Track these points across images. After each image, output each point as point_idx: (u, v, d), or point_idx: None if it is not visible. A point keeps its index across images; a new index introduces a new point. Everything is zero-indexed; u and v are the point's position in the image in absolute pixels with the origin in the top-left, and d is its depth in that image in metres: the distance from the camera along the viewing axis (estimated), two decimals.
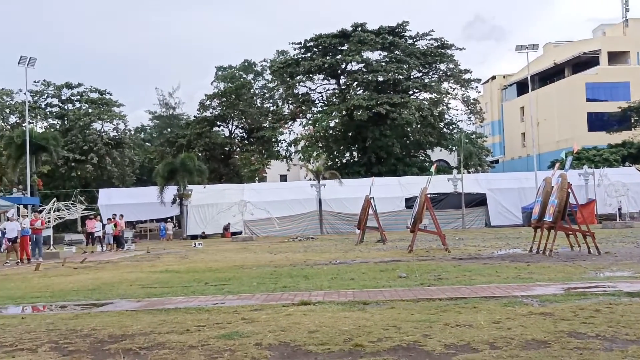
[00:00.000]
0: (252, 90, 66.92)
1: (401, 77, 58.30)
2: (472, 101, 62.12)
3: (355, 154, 61.52)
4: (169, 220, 48.05)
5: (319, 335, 7.30)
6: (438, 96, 59.61)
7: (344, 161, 61.57)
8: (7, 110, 59.50)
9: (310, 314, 8.86)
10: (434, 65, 60.90)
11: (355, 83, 59.62)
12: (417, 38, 61.16)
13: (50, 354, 6.96)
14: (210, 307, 9.91)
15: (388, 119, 55.28)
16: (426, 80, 60.64)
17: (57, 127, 60.30)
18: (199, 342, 7.21)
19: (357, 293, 10.81)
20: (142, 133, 79.63)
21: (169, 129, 72.02)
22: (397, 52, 59.15)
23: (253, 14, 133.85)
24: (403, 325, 7.69)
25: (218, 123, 64.47)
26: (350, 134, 59.99)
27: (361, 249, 23.54)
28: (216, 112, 63.61)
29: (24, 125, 50.05)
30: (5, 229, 24.29)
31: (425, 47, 60.32)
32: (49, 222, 32.61)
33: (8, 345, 7.49)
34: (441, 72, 61.29)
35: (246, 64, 74.58)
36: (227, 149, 63.84)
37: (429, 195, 21.76)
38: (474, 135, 65.85)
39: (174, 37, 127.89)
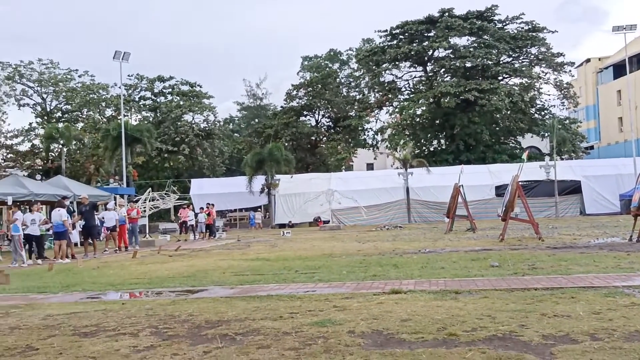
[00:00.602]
0: (338, 79, 66.95)
1: (490, 62, 57.00)
2: (565, 85, 60.06)
3: (442, 141, 60.67)
4: (259, 209, 48.84)
5: (412, 323, 7.24)
6: (529, 81, 57.96)
7: (432, 149, 60.81)
8: (104, 104, 61.84)
9: (402, 302, 8.80)
10: (524, 50, 59.16)
11: (443, 70, 58.72)
12: (507, 22, 59.58)
13: (150, 338, 7.19)
14: (301, 295, 10.00)
15: (477, 106, 54.20)
16: (516, 65, 59.01)
17: (151, 119, 62.22)
18: (292, 329, 7.29)
19: (449, 282, 10.66)
20: (231, 124, 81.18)
21: (256, 120, 73.09)
22: (485, 37, 57.81)
23: (338, 3, 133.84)
24: (498, 315, 7.53)
25: (304, 113, 64.87)
26: (438, 122, 59.18)
27: (450, 238, 23.22)
28: (302, 102, 64.00)
29: (119, 118, 51.89)
30: (104, 218, 25.27)
31: (516, 31, 58.67)
32: (144, 211, 33.79)
33: (111, 330, 7.79)
34: (532, 57, 59.47)
35: (332, 53, 74.68)
36: (313, 138, 64.20)
37: (520, 183, 21.20)
38: (567, 121, 63.61)
39: (261, 28, 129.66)
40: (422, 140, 60.88)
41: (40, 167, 55.55)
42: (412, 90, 61.83)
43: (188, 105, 61.74)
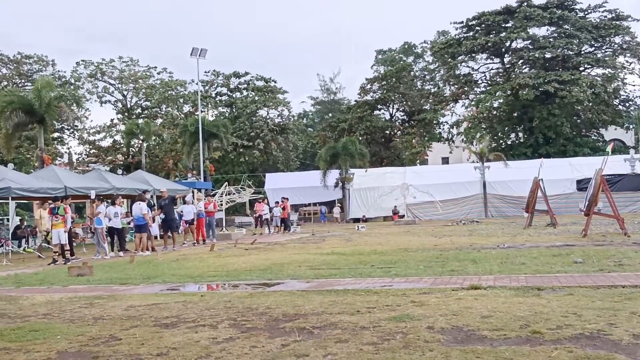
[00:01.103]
0: (412, 72, 66.30)
1: (571, 52, 55.21)
2: None
3: (520, 134, 59.17)
4: (338, 204, 48.95)
5: (493, 320, 7.05)
6: (612, 71, 55.83)
7: (509, 142, 59.44)
8: (182, 100, 63.20)
9: (482, 298, 8.60)
10: (607, 39, 56.96)
11: (521, 61, 57.25)
12: (589, 10, 57.52)
13: (229, 330, 7.25)
14: (378, 289, 9.92)
15: (557, 98, 52.62)
16: (599, 55, 56.92)
17: (227, 114, 63.19)
18: (370, 323, 7.22)
19: (530, 278, 10.35)
20: (305, 119, 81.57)
21: (330, 114, 73.22)
22: (566, 26, 55.99)
23: None
24: (584, 312, 7.24)
25: (379, 106, 64.56)
26: (516, 114, 57.77)
27: (530, 233, 22.61)
28: (377, 96, 63.70)
29: (196, 113, 52.90)
30: (182, 211, 25.79)
31: (598, 20, 56.59)
32: (221, 205, 34.31)
33: (191, 321, 7.91)
34: (616, 46, 57.22)
35: (406, 46, 74.03)
36: (387, 132, 63.84)
37: (604, 177, 20.44)
38: None
39: (335, 22, 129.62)
40: (499, 134, 59.58)
41: (122, 162, 57.25)
42: (489, 82, 60.59)
43: (263, 100, 62.39)
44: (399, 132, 65.01)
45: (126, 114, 60.47)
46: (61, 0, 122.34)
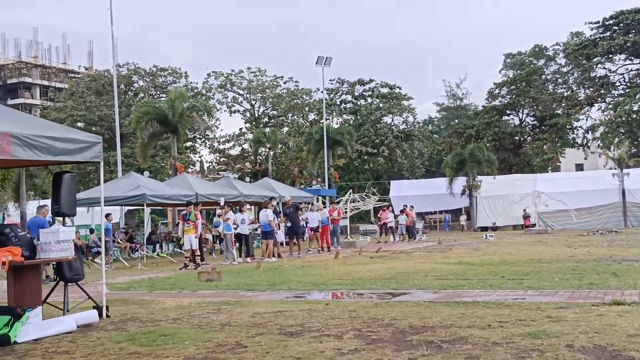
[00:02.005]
0: (543, 76, 63.83)
1: None
2: None
3: None
4: (465, 212, 47.87)
5: None
6: None
7: None
8: (307, 108, 64.08)
9: (626, 315, 7.92)
10: None
11: None
12: None
13: (354, 341, 7.05)
14: (510, 302, 9.41)
15: None
16: None
17: (351, 122, 63.41)
18: (502, 339, 6.79)
19: None
20: (430, 125, 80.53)
21: (456, 120, 71.83)
22: None
23: None
24: None
25: (507, 112, 62.61)
26: None
27: None
28: (505, 101, 61.81)
29: (321, 121, 53.41)
30: (307, 218, 25.98)
31: None
32: (345, 212, 34.35)
33: (315, 330, 7.77)
34: None
35: (536, 49, 71.44)
36: (517, 138, 61.79)
37: None
38: None
39: (461, 26, 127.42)
40: None
41: (249, 170, 58.75)
42: (628, 84, 57.19)
43: (387, 107, 62.11)
44: (529, 137, 62.75)
45: (254, 122, 62.05)
46: (193, 16, 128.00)
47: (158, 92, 60.35)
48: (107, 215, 21.72)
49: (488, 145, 55.74)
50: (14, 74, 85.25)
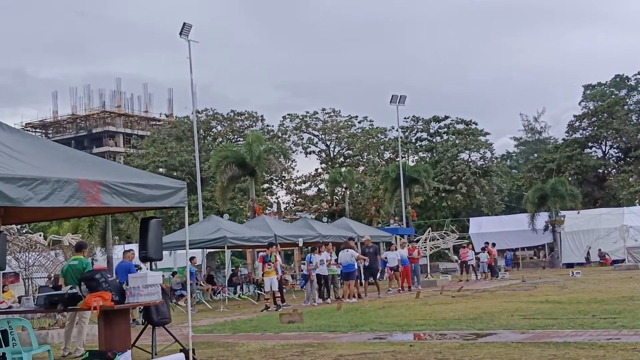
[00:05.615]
0: (626, 106, 61.96)
1: None
2: None
3: None
4: (540, 247, 46.50)
5: None
6: None
7: None
8: (382, 147, 64.11)
9: None
10: None
11: None
12: None
13: None
14: (604, 343, 9.03)
15: None
16: None
17: (427, 159, 62.98)
18: None
19: None
20: (508, 160, 79.06)
21: (535, 154, 70.33)
22: None
23: (622, 27, 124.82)
24: None
25: (589, 144, 60.93)
26: None
27: None
28: (587, 133, 60.22)
29: (397, 159, 53.26)
30: (386, 258, 25.75)
31: None
32: (425, 251, 33.92)
33: None
34: None
35: (617, 79, 69.54)
36: (600, 171, 59.91)
37: None
38: None
39: (537, 60, 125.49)
40: None
41: (326, 210, 58.92)
42: None
43: (464, 143, 61.43)
44: (614, 170, 60.74)
45: (329, 163, 62.46)
46: (269, 61, 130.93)
47: (235, 136, 61.71)
48: (192, 259, 22.13)
49: (570, 179, 54.23)
50: (98, 123, 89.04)
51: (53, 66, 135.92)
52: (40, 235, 22.76)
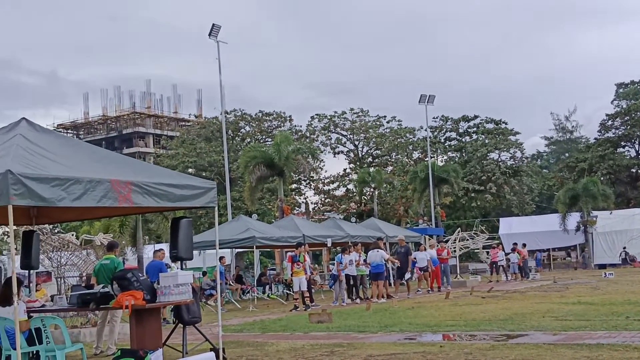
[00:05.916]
0: None
1: None
2: None
3: None
4: (572, 248, 45.91)
5: None
6: None
7: None
8: (411, 147, 63.82)
9: None
10: None
11: None
12: None
13: None
14: (638, 345, 8.90)
15: None
16: None
17: (456, 159, 62.57)
18: None
19: None
20: (539, 160, 78.18)
21: (566, 154, 69.49)
22: None
23: None
24: None
25: (622, 143, 60.07)
26: None
27: None
28: (619, 132, 59.37)
29: (426, 159, 52.98)
30: (416, 258, 25.64)
31: None
32: (454, 251, 33.72)
33: None
34: None
35: None
36: (634, 170, 59.01)
37: None
38: None
39: (567, 60, 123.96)
40: None
41: (355, 210, 58.83)
42: None
43: (494, 143, 60.91)
44: None
45: (358, 163, 62.33)
46: (297, 62, 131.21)
47: (264, 137, 61.89)
48: (221, 259, 22.24)
49: (602, 179, 53.51)
50: (129, 124, 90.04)
51: (84, 68, 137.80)
52: (72, 235, 23.08)
